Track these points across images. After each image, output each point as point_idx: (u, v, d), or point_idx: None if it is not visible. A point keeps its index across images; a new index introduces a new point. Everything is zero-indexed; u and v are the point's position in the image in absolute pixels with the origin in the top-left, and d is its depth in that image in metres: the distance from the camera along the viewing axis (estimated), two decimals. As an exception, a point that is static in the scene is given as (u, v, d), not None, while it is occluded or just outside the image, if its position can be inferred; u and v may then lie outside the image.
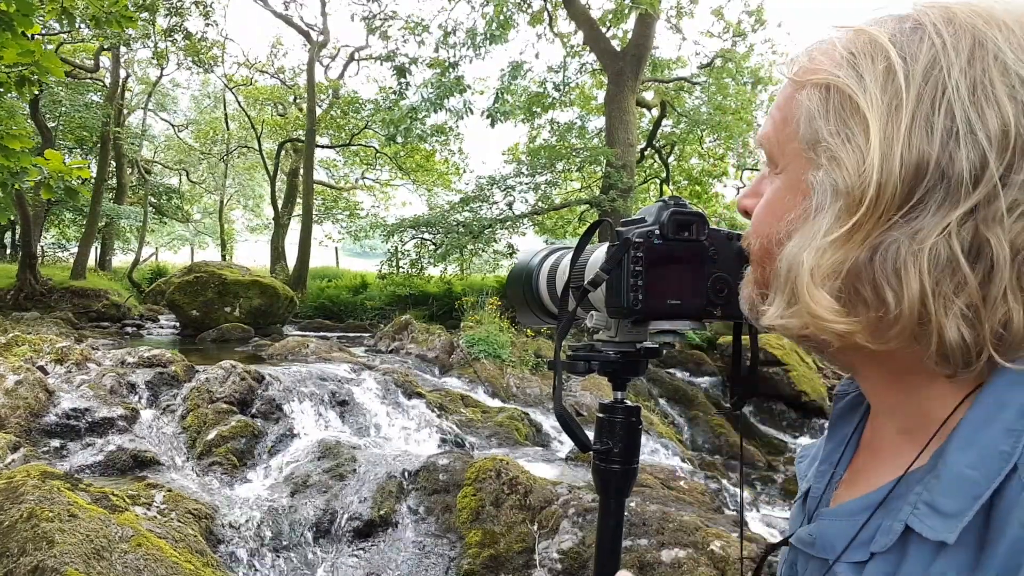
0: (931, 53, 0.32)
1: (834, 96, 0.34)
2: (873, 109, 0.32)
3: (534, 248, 0.72)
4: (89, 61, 12.55)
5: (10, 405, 3.00)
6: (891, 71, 0.32)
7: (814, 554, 0.40)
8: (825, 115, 0.34)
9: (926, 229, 0.31)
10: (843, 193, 0.33)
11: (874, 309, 0.32)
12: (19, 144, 2.51)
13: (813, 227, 0.34)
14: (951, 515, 0.31)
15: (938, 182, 0.31)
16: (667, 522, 2.27)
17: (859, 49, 0.34)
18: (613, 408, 0.60)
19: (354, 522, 2.69)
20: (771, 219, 0.38)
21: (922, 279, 0.31)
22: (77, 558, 1.86)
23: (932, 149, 0.31)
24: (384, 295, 10.81)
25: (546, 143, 11.61)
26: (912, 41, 0.33)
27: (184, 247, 22.72)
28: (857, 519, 0.37)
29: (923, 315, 0.31)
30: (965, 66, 0.31)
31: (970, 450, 0.32)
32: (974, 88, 0.31)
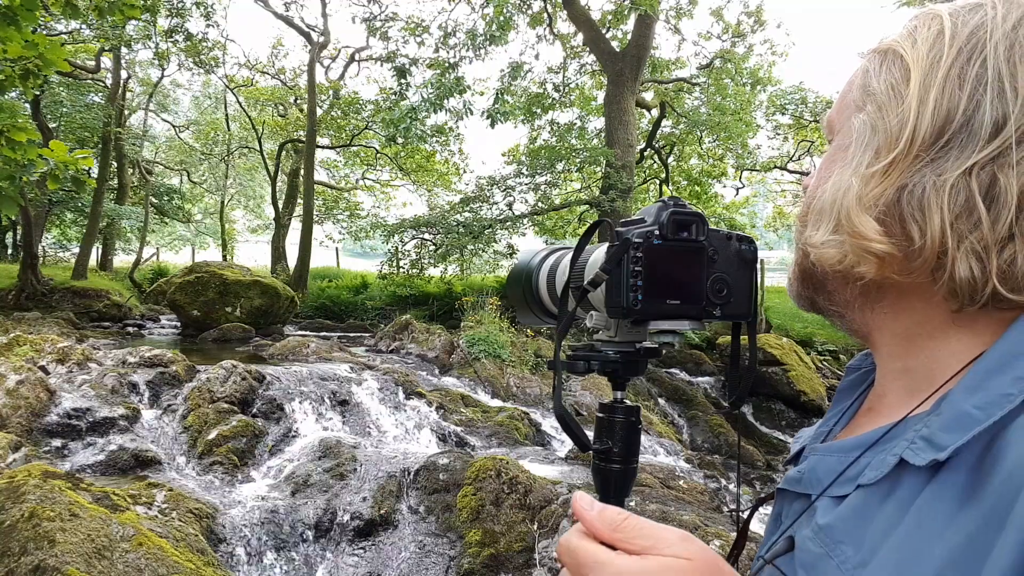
0: (980, 19, 0.35)
1: (889, 57, 0.38)
2: (917, 63, 0.36)
3: (534, 248, 0.72)
4: (90, 62, 12.56)
5: (11, 405, 3.00)
6: (941, 33, 0.36)
7: (799, 491, 0.39)
8: (878, 73, 0.38)
9: (949, 171, 0.33)
10: (882, 132, 0.36)
11: (900, 243, 0.35)
12: (25, 136, 2.52)
13: (855, 160, 0.37)
14: (946, 447, 0.31)
15: (963, 127, 0.33)
16: (666, 521, 2.27)
17: (920, 20, 0.38)
18: (613, 408, 0.60)
19: (354, 521, 2.70)
20: (821, 177, 0.41)
21: (943, 215, 0.33)
22: (78, 557, 1.86)
23: (963, 96, 0.34)
24: (384, 295, 10.82)
25: (546, 144, 11.61)
26: (967, 11, 0.36)
27: (185, 247, 22.74)
28: (850, 455, 0.37)
29: (941, 250, 0.33)
30: (1009, 30, 0.34)
31: (976, 393, 0.32)
32: (1011, 48, 0.33)
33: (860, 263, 0.36)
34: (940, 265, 0.34)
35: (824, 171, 0.41)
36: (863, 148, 0.37)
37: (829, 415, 0.48)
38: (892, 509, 0.32)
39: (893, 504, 0.32)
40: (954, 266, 0.33)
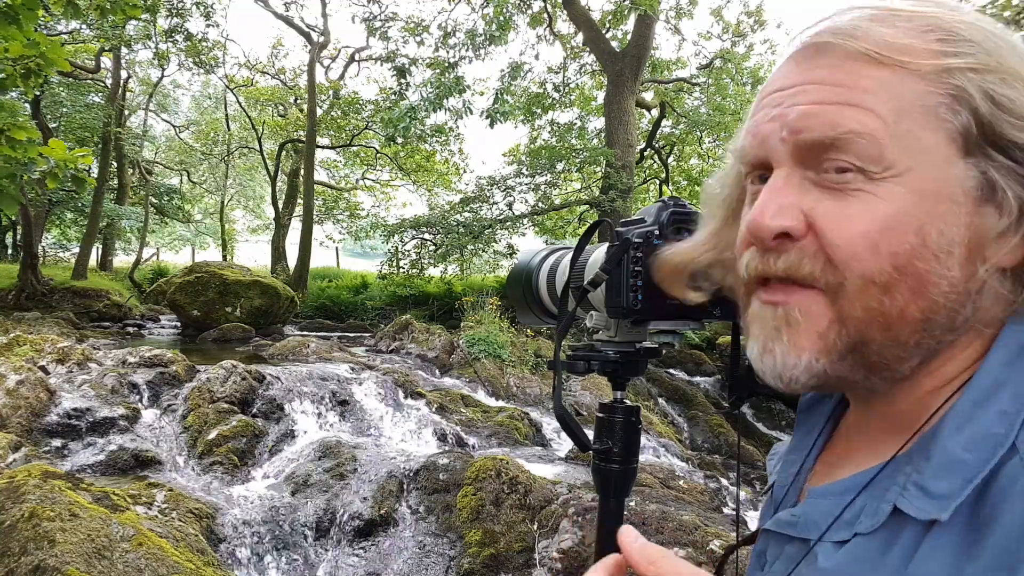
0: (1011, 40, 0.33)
1: (1000, 78, 0.32)
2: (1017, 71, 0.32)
3: (534, 248, 0.72)
4: (90, 62, 12.56)
5: (11, 405, 3.00)
6: (1009, 43, 0.33)
7: (795, 534, 0.38)
8: (1013, 99, 0.31)
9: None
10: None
11: None
12: (25, 135, 2.52)
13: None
14: (942, 496, 0.31)
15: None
16: (666, 521, 2.27)
17: (975, 30, 0.33)
18: (613, 408, 0.60)
19: (354, 521, 2.70)
20: (897, 238, 0.32)
21: None
22: (78, 557, 1.87)
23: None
24: (384, 295, 10.82)
25: (546, 144, 11.61)
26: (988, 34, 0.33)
27: (185, 247, 22.74)
28: (843, 498, 0.36)
29: None
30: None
31: (963, 432, 0.31)
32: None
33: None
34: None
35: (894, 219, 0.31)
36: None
37: (798, 438, 0.46)
38: (895, 560, 0.32)
39: (896, 555, 0.32)
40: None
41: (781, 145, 0.35)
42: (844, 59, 0.33)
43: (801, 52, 0.35)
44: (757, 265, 0.36)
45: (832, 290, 0.33)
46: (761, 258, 0.35)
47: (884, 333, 0.33)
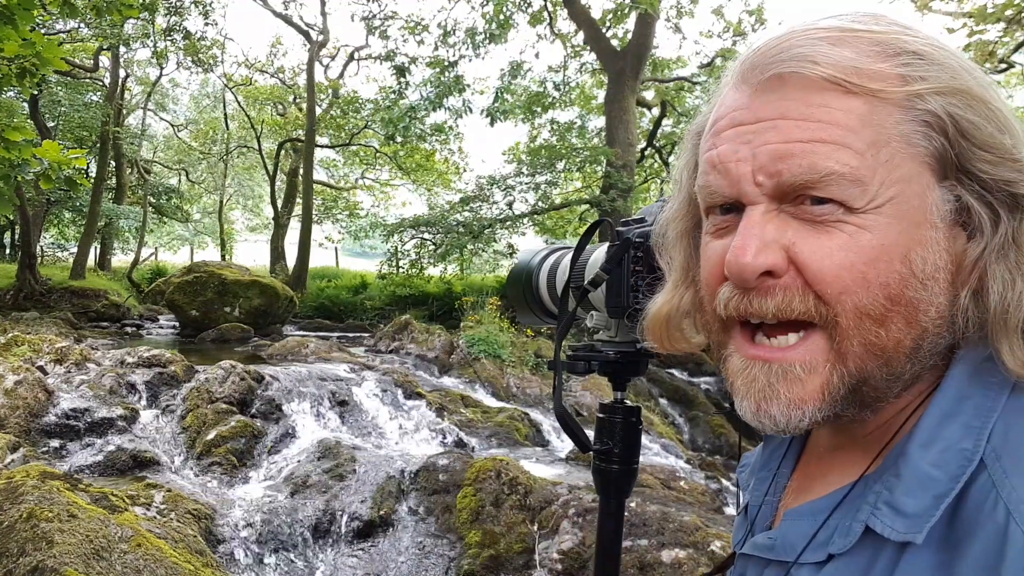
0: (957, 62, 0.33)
1: (965, 102, 0.31)
2: (1001, 102, 0.32)
3: (534, 248, 0.71)
4: (88, 61, 12.54)
5: (9, 405, 2.99)
6: (971, 64, 0.32)
7: (773, 557, 0.38)
8: (977, 124, 0.31)
9: None
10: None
11: None
12: (19, 135, 2.52)
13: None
14: (914, 515, 0.30)
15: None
16: (667, 522, 2.27)
17: (938, 50, 0.32)
18: (613, 408, 0.60)
19: (354, 522, 2.69)
20: (884, 267, 0.31)
21: None
22: (77, 558, 1.86)
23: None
24: (384, 295, 10.80)
25: (546, 143, 11.61)
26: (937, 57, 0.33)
27: (183, 247, 22.71)
28: (818, 519, 0.36)
29: None
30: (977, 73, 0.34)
31: (931, 448, 0.31)
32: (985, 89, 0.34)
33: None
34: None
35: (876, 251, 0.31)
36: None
37: (766, 455, 0.45)
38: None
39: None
40: None
41: (756, 188, 0.33)
42: (810, 90, 0.32)
43: (763, 82, 0.33)
44: (738, 305, 0.34)
45: (829, 326, 0.32)
46: (742, 297, 0.34)
47: (883, 368, 0.32)
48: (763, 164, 0.32)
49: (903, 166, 0.31)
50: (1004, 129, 0.31)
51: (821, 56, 0.31)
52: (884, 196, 0.31)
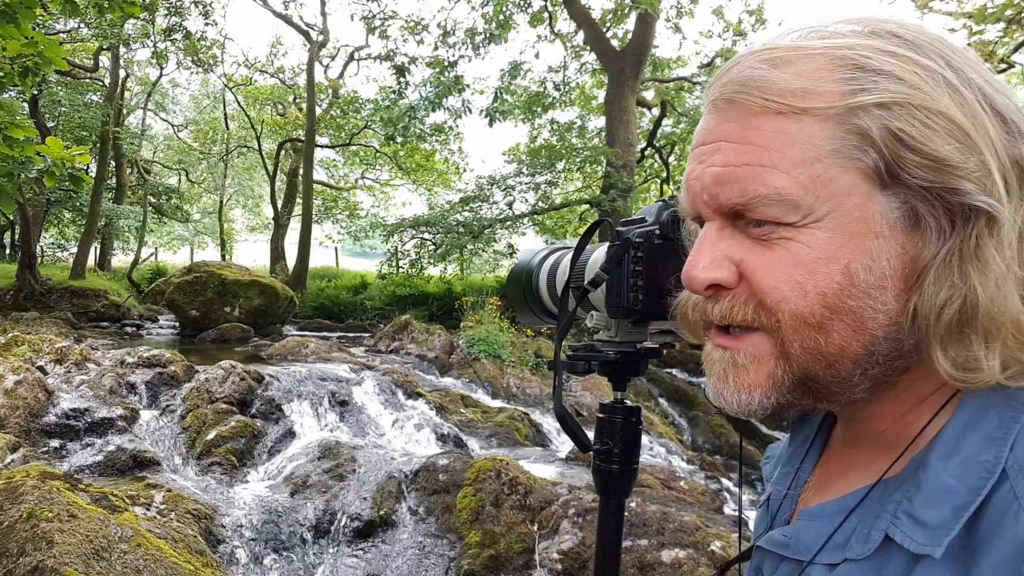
0: (943, 59, 0.32)
1: (904, 113, 0.31)
2: (957, 116, 0.30)
3: (534, 248, 0.71)
4: (89, 61, 12.54)
5: (9, 405, 2.99)
6: (937, 76, 0.31)
7: (788, 555, 0.38)
8: (913, 138, 0.30)
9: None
10: (986, 209, 0.30)
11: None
12: (22, 133, 2.52)
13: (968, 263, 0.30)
14: (933, 526, 0.30)
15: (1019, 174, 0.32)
16: (667, 522, 2.27)
17: (879, 60, 0.31)
18: (613, 408, 0.60)
19: (354, 522, 2.69)
20: (823, 279, 0.32)
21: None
22: (77, 558, 1.86)
23: (1015, 146, 0.31)
24: (384, 295, 10.80)
25: (546, 143, 11.61)
26: (914, 51, 0.32)
27: (183, 247, 22.71)
28: (833, 520, 0.36)
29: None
30: (972, 64, 0.32)
31: (952, 459, 0.31)
32: (992, 86, 0.32)
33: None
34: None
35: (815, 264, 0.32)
36: (979, 248, 0.30)
37: (791, 449, 0.46)
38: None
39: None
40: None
41: (705, 206, 0.36)
42: (747, 114, 0.33)
43: (715, 103, 0.35)
44: (699, 308, 0.38)
45: (771, 330, 0.34)
46: (702, 302, 0.37)
47: (827, 370, 0.33)
48: (707, 186, 0.35)
49: (838, 180, 0.32)
50: (955, 137, 0.30)
51: (760, 79, 0.33)
52: (821, 210, 0.32)
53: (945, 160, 0.30)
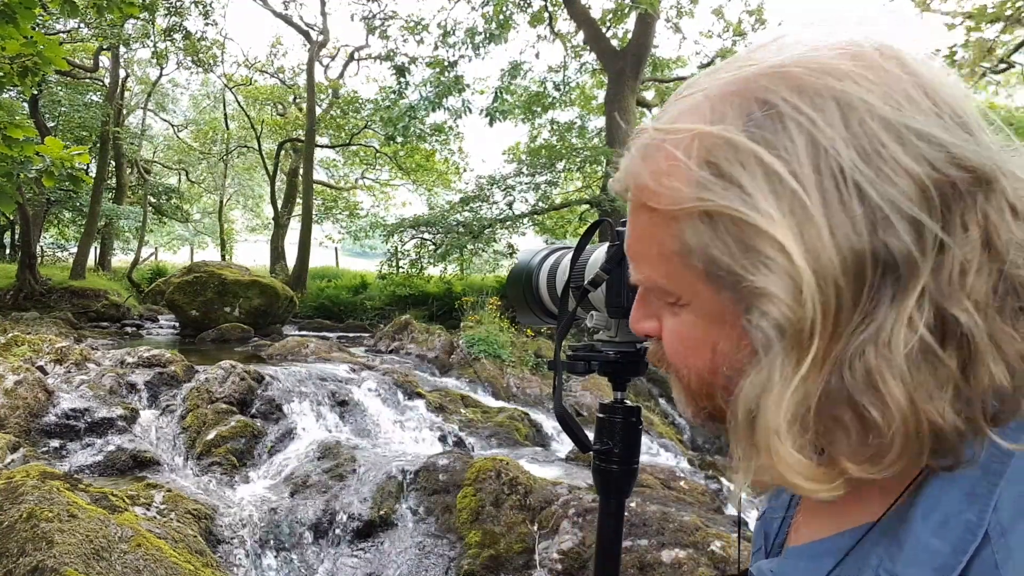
0: (806, 137, 0.28)
1: (723, 224, 0.29)
2: (778, 225, 0.28)
3: (534, 248, 0.71)
4: (88, 61, 12.54)
5: (9, 405, 2.99)
6: (772, 173, 0.28)
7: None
8: (726, 248, 0.29)
9: (887, 326, 0.27)
10: (789, 330, 0.28)
11: (858, 433, 0.28)
12: (21, 133, 2.52)
13: (763, 373, 0.29)
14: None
15: (882, 273, 0.27)
16: (667, 522, 2.27)
17: (718, 157, 0.29)
18: (613, 408, 0.60)
19: (354, 522, 2.69)
20: (697, 355, 0.34)
21: (904, 383, 0.27)
22: (77, 558, 1.86)
23: (863, 242, 0.27)
24: (384, 295, 10.80)
25: (546, 143, 11.61)
26: (775, 131, 0.28)
27: (183, 247, 22.71)
28: (819, 564, 0.35)
29: (916, 422, 0.27)
30: (847, 136, 0.28)
31: (933, 515, 0.29)
32: (869, 158, 0.27)
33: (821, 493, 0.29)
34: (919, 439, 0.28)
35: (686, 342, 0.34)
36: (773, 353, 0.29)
37: None
38: None
39: None
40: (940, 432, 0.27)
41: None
42: (633, 201, 0.35)
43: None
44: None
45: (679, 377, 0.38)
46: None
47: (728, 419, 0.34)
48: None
49: (686, 276, 0.32)
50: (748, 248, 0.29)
51: (634, 172, 0.33)
52: (686, 297, 0.34)
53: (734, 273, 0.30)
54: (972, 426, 0.28)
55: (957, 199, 0.28)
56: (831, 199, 0.27)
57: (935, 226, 0.27)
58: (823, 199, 0.28)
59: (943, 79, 0.30)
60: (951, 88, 0.30)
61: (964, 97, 0.30)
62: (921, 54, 0.31)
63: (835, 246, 0.27)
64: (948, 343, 0.27)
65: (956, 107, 0.29)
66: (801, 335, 0.28)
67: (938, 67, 0.30)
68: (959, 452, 0.28)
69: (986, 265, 0.28)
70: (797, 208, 0.28)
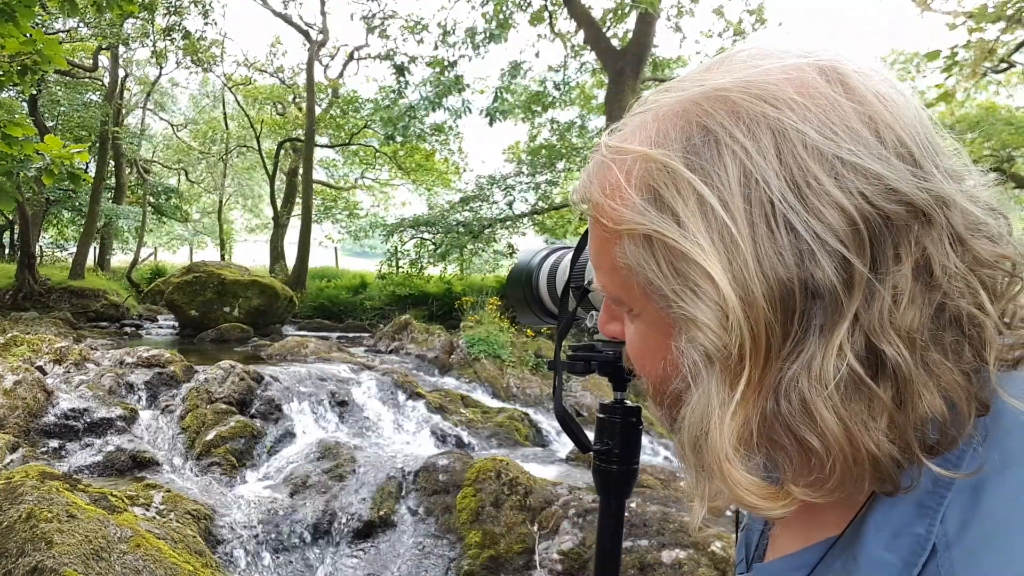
0: (738, 167, 0.28)
1: (658, 248, 0.30)
2: (707, 254, 0.28)
3: (534, 248, 0.71)
4: (88, 60, 12.53)
5: (9, 405, 2.99)
6: (704, 202, 0.28)
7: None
8: (660, 272, 0.30)
9: (818, 356, 0.27)
10: (717, 356, 0.29)
11: (799, 458, 0.29)
12: (21, 131, 2.51)
13: (702, 398, 0.30)
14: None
15: (810, 303, 0.28)
16: (668, 523, 2.27)
17: (657, 182, 0.30)
18: (613, 408, 0.59)
19: (353, 523, 2.69)
20: (651, 363, 0.35)
21: (837, 413, 0.27)
22: (76, 559, 1.85)
23: (790, 272, 0.27)
24: (384, 295, 10.80)
25: (546, 142, 11.61)
26: (711, 158, 0.29)
27: (183, 247, 22.70)
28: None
29: (853, 450, 0.28)
30: (779, 168, 0.28)
31: (884, 529, 0.30)
32: (800, 191, 0.28)
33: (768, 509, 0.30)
34: (857, 460, 0.28)
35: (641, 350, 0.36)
36: (704, 378, 0.29)
37: None
38: None
39: None
40: (876, 461, 0.28)
41: None
42: (592, 223, 0.36)
43: None
44: None
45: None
46: None
47: (676, 447, 0.34)
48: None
49: (633, 289, 0.33)
50: (679, 274, 0.29)
51: (587, 181, 0.34)
52: (637, 308, 0.35)
53: (667, 296, 0.30)
54: (908, 455, 0.28)
55: (891, 231, 0.28)
56: (759, 230, 0.28)
57: (860, 263, 0.27)
58: (752, 230, 0.28)
59: (892, 102, 0.29)
60: (900, 112, 0.29)
61: (914, 121, 0.29)
62: (874, 72, 0.30)
63: (762, 276, 0.28)
64: (881, 374, 0.28)
65: (902, 135, 0.29)
66: (729, 361, 0.29)
67: (889, 87, 0.30)
68: (896, 480, 0.29)
69: (920, 296, 0.28)
70: (727, 237, 0.28)
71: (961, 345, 0.28)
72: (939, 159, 0.29)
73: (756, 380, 0.28)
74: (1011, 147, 6.76)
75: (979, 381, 0.29)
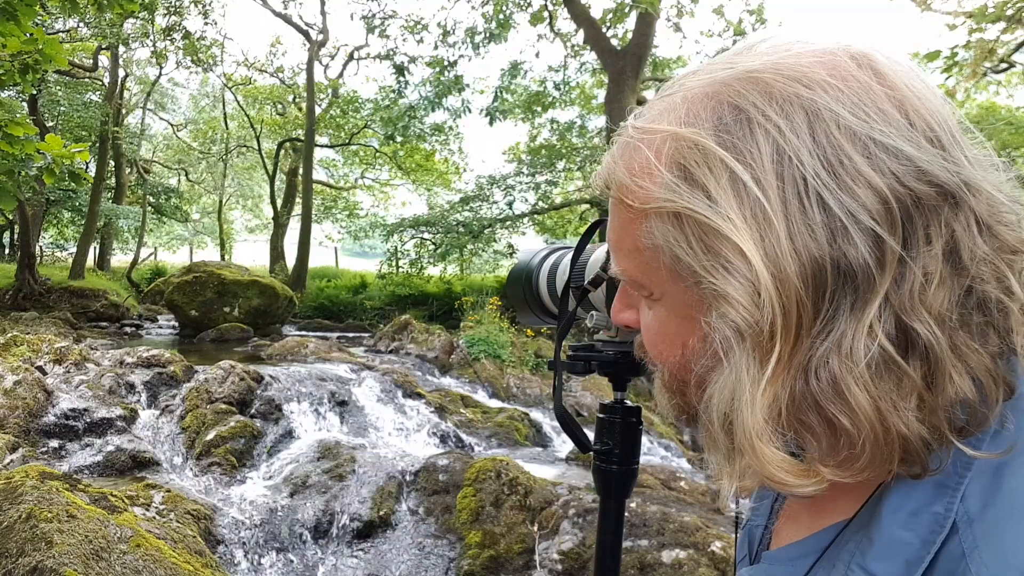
0: (772, 145, 0.28)
1: (688, 225, 0.30)
2: (740, 230, 0.28)
3: (534, 248, 0.71)
4: (88, 60, 12.53)
5: (8, 405, 2.99)
6: (737, 179, 0.28)
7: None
8: (689, 249, 0.30)
9: (848, 334, 0.27)
10: (748, 332, 0.29)
11: (828, 438, 0.29)
12: (22, 131, 2.51)
13: (731, 375, 0.30)
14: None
15: (842, 280, 0.28)
16: (668, 523, 2.27)
17: (687, 160, 0.30)
18: (613, 408, 0.59)
19: (354, 523, 2.69)
20: (669, 349, 0.35)
21: (868, 392, 0.27)
22: (76, 559, 1.85)
23: (822, 250, 0.27)
24: (384, 295, 10.80)
25: (546, 142, 11.61)
26: (743, 136, 0.29)
27: (183, 247, 22.71)
28: (796, 566, 0.35)
29: (884, 430, 0.28)
30: (812, 147, 0.28)
31: (901, 510, 0.30)
32: (833, 169, 0.28)
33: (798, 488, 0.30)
34: (889, 446, 0.28)
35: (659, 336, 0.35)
36: (735, 355, 0.29)
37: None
38: None
39: None
40: (906, 442, 0.28)
41: None
42: (614, 204, 0.35)
43: None
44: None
45: (656, 370, 0.39)
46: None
47: (703, 426, 0.34)
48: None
49: (658, 271, 0.33)
50: (710, 250, 0.29)
51: (612, 169, 0.34)
52: (658, 292, 0.34)
53: (697, 273, 0.30)
54: (937, 436, 0.28)
55: (921, 213, 0.28)
56: (792, 207, 0.28)
57: (893, 240, 0.27)
58: (784, 207, 0.28)
59: (921, 91, 0.30)
60: (928, 101, 0.29)
61: (941, 110, 0.30)
62: (903, 63, 0.31)
63: (794, 253, 0.28)
64: (911, 354, 0.28)
65: (930, 121, 0.29)
66: (761, 338, 0.28)
67: (916, 78, 0.30)
68: (925, 461, 0.29)
69: (949, 279, 0.28)
70: (759, 214, 0.28)
71: (987, 329, 0.29)
72: (965, 148, 0.30)
73: (786, 358, 0.28)
74: (1011, 147, 6.76)
75: (1006, 365, 0.29)
